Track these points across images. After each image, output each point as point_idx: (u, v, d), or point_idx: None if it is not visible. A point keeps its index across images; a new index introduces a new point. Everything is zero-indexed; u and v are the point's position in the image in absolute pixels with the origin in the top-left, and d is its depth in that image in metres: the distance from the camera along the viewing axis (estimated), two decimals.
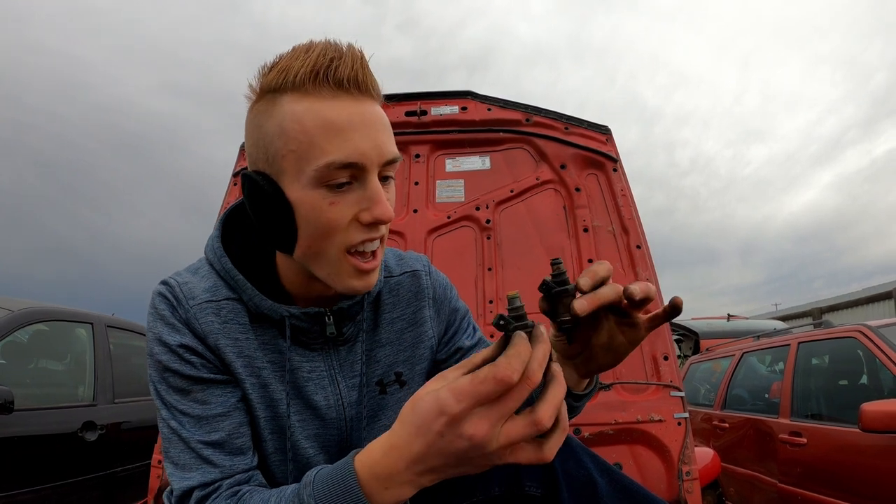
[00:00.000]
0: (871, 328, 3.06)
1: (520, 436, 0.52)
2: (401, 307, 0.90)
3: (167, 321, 0.73)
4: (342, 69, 0.66)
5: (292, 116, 0.66)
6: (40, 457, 2.80)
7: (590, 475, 0.81)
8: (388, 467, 0.56)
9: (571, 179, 1.92)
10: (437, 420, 0.51)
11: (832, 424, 3.05)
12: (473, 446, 0.52)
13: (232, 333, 0.76)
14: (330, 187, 0.66)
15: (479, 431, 0.51)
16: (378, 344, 0.87)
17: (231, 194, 2.03)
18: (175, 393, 0.73)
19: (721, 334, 6.72)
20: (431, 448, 0.53)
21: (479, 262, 1.88)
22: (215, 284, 0.77)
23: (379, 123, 0.68)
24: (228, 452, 0.72)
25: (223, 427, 0.73)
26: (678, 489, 1.57)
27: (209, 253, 0.80)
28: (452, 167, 2.00)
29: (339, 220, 0.67)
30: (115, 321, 3.74)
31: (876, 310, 12.60)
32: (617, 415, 1.64)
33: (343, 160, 0.65)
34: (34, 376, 3.18)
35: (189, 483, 0.69)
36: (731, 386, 4.33)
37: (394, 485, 0.56)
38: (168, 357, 0.72)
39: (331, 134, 0.65)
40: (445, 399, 0.51)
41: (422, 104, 2.00)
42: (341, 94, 0.66)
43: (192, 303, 0.74)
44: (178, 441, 0.72)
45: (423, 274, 0.93)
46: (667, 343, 1.72)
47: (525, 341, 0.51)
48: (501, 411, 0.51)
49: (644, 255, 1.80)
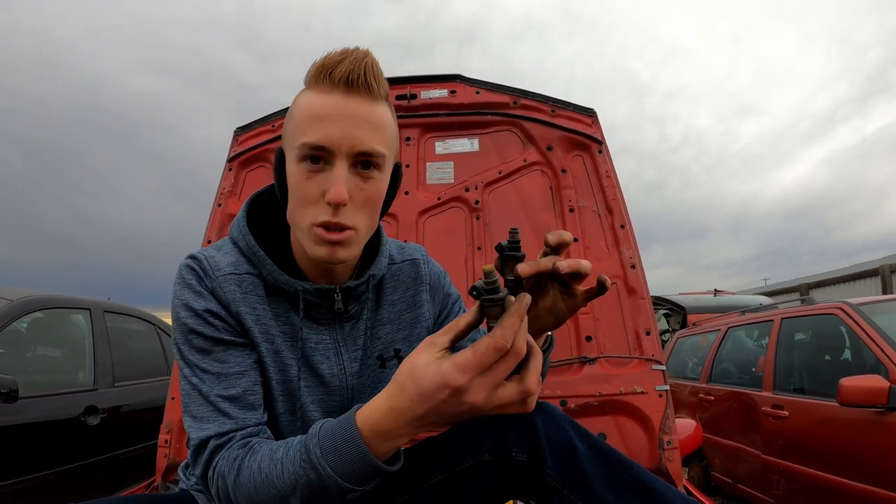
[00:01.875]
0: (852, 305, 3.12)
1: (510, 400, 0.61)
2: (401, 290, 0.99)
3: (194, 289, 0.82)
4: (339, 70, 0.75)
5: (298, 104, 0.78)
6: (45, 443, 2.83)
7: (571, 441, 0.88)
8: (389, 425, 0.63)
9: (558, 161, 1.97)
10: (442, 391, 0.59)
11: (813, 398, 3.12)
12: (472, 409, 0.60)
13: (251, 303, 0.84)
14: (307, 165, 0.76)
15: (479, 398, 0.59)
16: (380, 322, 0.96)
17: (226, 179, 2.06)
18: (197, 353, 0.80)
19: (708, 309, 6.77)
20: (433, 412, 0.61)
21: (469, 242, 1.94)
22: (238, 260, 0.86)
23: (359, 118, 0.76)
24: (243, 407, 0.80)
25: (240, 384, 0.80)
26: (659, 457, 1.64)
27: (234, 231, 0.89)
28: (442, 150, 2.04)
29: (310, 193, 0.76)
30: (111, 306, 3.75)
31: (863, 286, 12.76)
32: (601, 387, 1.71)
33: (314, 142, 0.74)
34: (34, 364, 3.20)
35: (206, 433, 0.76)
36: (717, 360, 4.41)
37: (394, 438, 0.64)
38: (193, 320, 0.80)
39: (313, 120, 0.75)
40: (449, 373, 0.58)
41: (412, 88, 2.03)
42: (335, 90, 0.75)
43: (218, 273, 0.83)
44: (198, 396, 0.79)
45: (422, 262, 1.02)
46: (649, 319, 1.78)
47: (515, 315, 0.58)
48: (495, 379, 0.59)
49: (628, 234, 1.86)
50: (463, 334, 0.64)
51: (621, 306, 1.81)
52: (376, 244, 0.97)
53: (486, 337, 0.58)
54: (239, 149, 2.08)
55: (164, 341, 4.16)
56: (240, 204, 2.03)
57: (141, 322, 4.05)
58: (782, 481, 3.25)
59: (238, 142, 2.10)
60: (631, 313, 1.79)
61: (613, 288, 1.84)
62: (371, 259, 0.95)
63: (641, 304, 1.79)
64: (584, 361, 1.76)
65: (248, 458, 0.73)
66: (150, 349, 4.04)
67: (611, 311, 1.81)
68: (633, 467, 0.88)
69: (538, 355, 0.63)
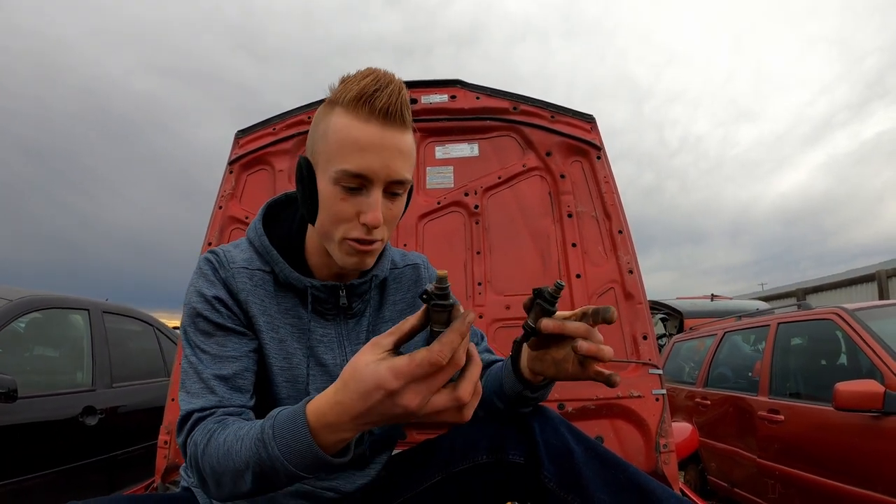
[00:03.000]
0: (848, 311, 3.14)
1: (443, 406, 0.64)
2: (402, 292, 1.07)
3: (208, 278, 0.90)
4: (379, 100, 0.79)
5: (334, 127, 0.82)
6: (44, 442, 2.84)
7: (567, 444, 0.91)
8: (334, 419, 0.67)
9: (556, 166, 1.98)
10: (377, 392, 0.62)
11: (809, 403, 3.13)
12: (406, 413, 0.63)
13: (259, 296, 0.92)
14: (343, 188, 0.81)
15: (412, 403, 0.62)
16: (382, 320, 1.03)
17: (227, 182, 2.07)
18: (201, 335, 0.88)
19: (705, 314, 6.83)
20: (372, 411, 0.64)
21: (468, 246, 1.95)
22: (251, 257, 0.94)
23: (395, 149, 0.82)
24: (231, 388, 0.86)
25: (232, 367, 0.87)
26: (656, 460, 1.65)
27: (251, 232, 0.97)
28: (442, 154, 2.05)
29: (344, 214, 0.83)
30: (110, 306, 3.75)
31: (860, 291, 12.80)
32: (598, 391, 1.72)
33: (354, 171, 0.80)
34: (33, 364, 3.20)
35: (192, 406, 0.83)
36: (714, 364, 4.43)
37: (338, 431, 0.67)
38: (202, 305, 0.88)
39: (353, 149, 0.80)
40: (384, 376, 0.62)
41: (412, 93, 2.05)
42: (373, 119, 0.80)
43: (233, 266, 0.91)
44: (194, 373, 0.86)
45: (423, 267, 1.11)
46: (646, 324, 1.80)
47: (456, 332, 0.62)
48: (430, 388, 0.63)
49: (625, 239, 1.88)
50: (407, 337, 0.67)
51: (619, 311, 1.82)
52: None
53: (424, 350, 0.61)
54: (240, 152, 2.10)
55: (161, 342, 4.16)
56: (241, 206, 2.04)
57: (139, 323, 4.05)
58: (778, 485, 3.27)
59: (239, 145, 2.11)
60: (628, 318, 1.81)
61: (611, 293, 1.86)
62: (375, 262, 1.00)
63: (639, 309, 1.81)
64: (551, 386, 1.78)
65: (218, 432, 0.78)
66: (148, 350, 4.04)
67: None
68: (628, 469, 0.90)
69: (476, 365, 0.66)
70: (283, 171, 2.05)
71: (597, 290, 1.86)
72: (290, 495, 0.95)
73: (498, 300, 1.90)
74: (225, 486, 0.76)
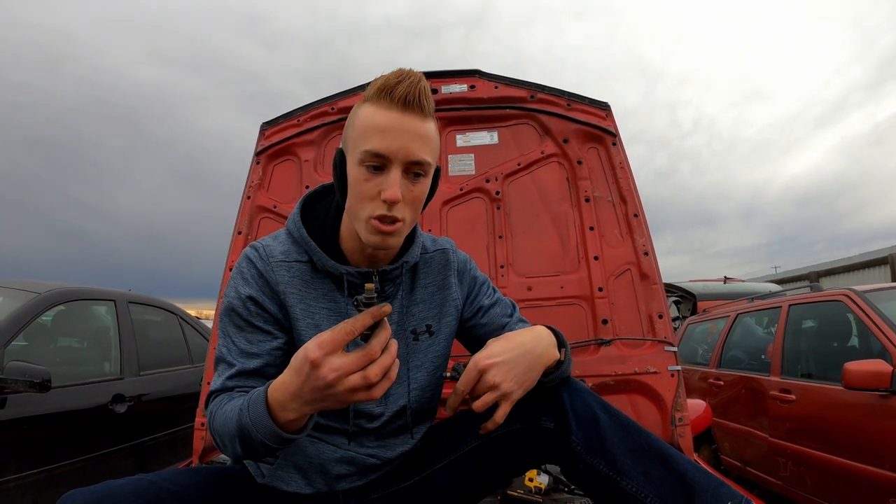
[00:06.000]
0: (858, 293, 3.15)
1: (355, 385, 0.74)
2: (432, 275, 1.15)
3: (244, 277, 1.00)
4: (399, 90, 0.89)
5: (360, 116, 0.93)
6: (75, 430, 2.92)
7: (593, 412, 0.99)
8: (280, 397, 0.79)
9: (573, 153, 2.05)
10: (305, 364, 0.74)
11: (819, 382, 3.17)
12: (326, 385, 0.73)
13: (296, 286, 1.01)
14: (367, 168, 0.91)
15: (330, 375, 0.73)
16: (413, 302, 1.11)
17: (254, 172, 2.14)
18: (234, 327, 0.99)
19: (718, 296, 6.81)
20: (303, 386, 0.76)
21: (491, 231, 2.03)
22: (289, 249, 1.04)
23: (413, 133, 0.91)
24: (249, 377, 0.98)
25: (255, 362, 0.99)
26: (671, 433, 1.73)
27: (290, 224, 1.06)
28: (463, 142, 2.12)
29: (368, 192, 0.91)
30: (135, 297, 3.82)
31: (873, 274, 12.74)
32: (616, 367, 1.80)
33: (375, 150, 0.89)
34: (62, 355, 3.27)
35: (215, 387, 0.96)
36: (727, 346, 4.46)
37: (286, 411, 0.79)
38: (237, 302, 0.99)
39: (375, 131, 0.90)
40: (310, 346, 0.74)
41: (432, 83, 2.11)
42: (394, 107, 0.90)
43: (272, 260, 1.02)
44: (222, 360, 0.99)
45: (451, 252, 1.19)
46: (661, 303, 1.87)
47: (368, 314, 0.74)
48: (345, 363, 0.73)
49: (641, 222, 1.94)
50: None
51: (635, 291, 1.90)
52: (412, 236, 1.11)
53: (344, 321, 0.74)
54: (266, 143, 2.17)
55: (185, 331, 4.25)
56: (268, 196, 2.12)
57: (163, 312, 4.12)
58: (789, 463, 3.32)
59: (265, 136, 2.18)
60: (644, 298, 1.88)
61: (628, 273, 1.93)
62: (406, 248, 1.10)
63: (654, 290, 1.88)
64: (600, 343, 1.85)
65: (225, 403, 0.91)
66: (173, 338, 4.12)
67: (625, 295, 1.90)
68: (650, 436, 0.98)
69: (385, 330, 0.76)
70: (308, 161, 2.12)
71: (614, 271, 1.93)
72: (336, 461, 1.04)
73: (520, 282, 1.97)
74: (227, 448, 0.89)
